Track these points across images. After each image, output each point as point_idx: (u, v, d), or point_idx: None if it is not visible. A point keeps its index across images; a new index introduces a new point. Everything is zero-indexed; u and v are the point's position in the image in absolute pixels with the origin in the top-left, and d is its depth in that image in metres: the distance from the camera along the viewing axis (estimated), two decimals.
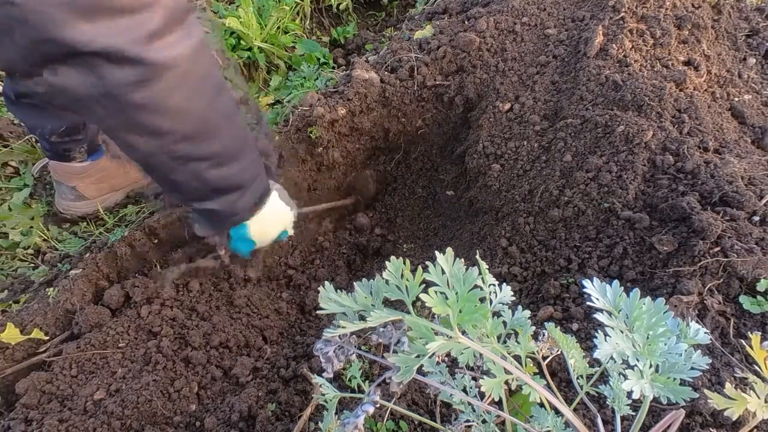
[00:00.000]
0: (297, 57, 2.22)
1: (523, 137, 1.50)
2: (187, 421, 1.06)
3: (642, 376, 0.51)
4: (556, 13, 1.71)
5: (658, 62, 1.47)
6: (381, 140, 1.85)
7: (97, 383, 1.08)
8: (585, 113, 1.39)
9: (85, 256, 1.36)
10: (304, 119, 1.66)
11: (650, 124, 1.27)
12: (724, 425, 0.83)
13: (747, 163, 1.22)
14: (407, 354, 0.49)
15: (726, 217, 1.06)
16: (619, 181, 1.21)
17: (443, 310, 0.47)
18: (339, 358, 0.56)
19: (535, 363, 0.67)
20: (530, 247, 1.29)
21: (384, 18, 2.69)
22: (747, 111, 1.46)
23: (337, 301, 0.51)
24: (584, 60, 1.50)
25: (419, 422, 0.94)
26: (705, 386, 0.86)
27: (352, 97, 1.68)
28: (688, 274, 1.00)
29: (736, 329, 0.95)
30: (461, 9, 1.92)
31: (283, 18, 2.22)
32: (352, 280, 1.44)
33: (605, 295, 0.54)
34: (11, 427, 0.99)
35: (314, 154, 1.73)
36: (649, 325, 0.51)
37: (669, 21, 1.52)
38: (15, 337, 1.12)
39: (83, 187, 1.54)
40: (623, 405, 0.60)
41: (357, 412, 0.54)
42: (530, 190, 1.39)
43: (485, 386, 0.52)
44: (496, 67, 1.64)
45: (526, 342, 0.62)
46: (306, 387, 1.07)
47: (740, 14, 1.70)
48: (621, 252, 1.12)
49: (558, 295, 1.13)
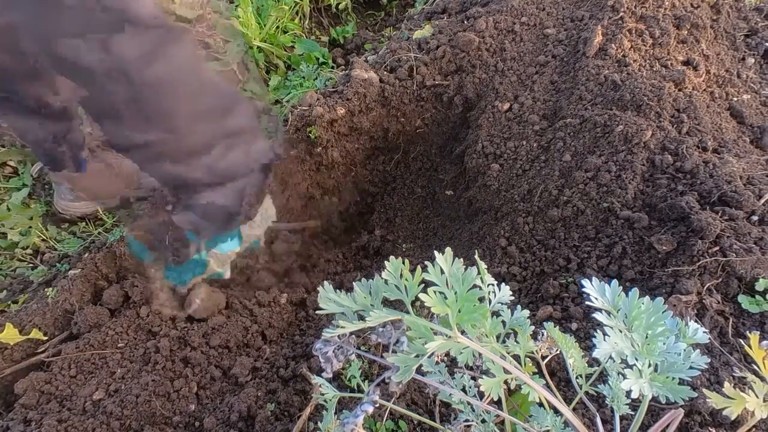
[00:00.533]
0: (296, 57, 2.22)
1: (522, 137, 1.50)
2: (186, 421, 1.06)
3: (641, 375, 0.51)
4: (555, 13, 1.71)
5: (657, 62, 1.47)
6: (380, 140, 1.85)
7: (96, 383, 1.08)
8: (584, 113, 1.39)
9: (84, 256, 1.36)
10: (303, 119, 1.66)
11: (649, 123, 1.27)
12: (722, 424, 0.83)
13: (746, 162, 1.22)
14: (406, 354, 0.49)
15: (725, 217, 1.06)
16: (618, 181, 1.22)
17: (442, 309, 0.47)
18: (338, 358, 0.56)
19: (534, 362, 0.67)
20: (529, 246, 1.30)
21: (383, 18, 2.69)
22: (746, 111, 1.46)
23: (337, 301, 0.51)
24: (583, 60, 1.50)
25: (418, 422, 0.94)
26: (704, 385, 0.87)
27: (351, 96, 1.68)
28: (686, 273, 1.00)
29: (735, 328, 0.95)
30: (460, 9, 1.92)
31: (282, 17, 2.22)
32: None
33: (604, 295, 0.54)
34: (10, 427, 0.99)
35: (313, 153, 1.73)
36: (647, 325, 0.51)
37: (668, 21, 1.52)
38: (14, 337, 1.11)
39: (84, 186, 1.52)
40: (622, 404, 0.60)
41: (356, 411, 0.54)
42: (529, 190, 1.39)
43: (484, 386, 0.52)
44: (495, 67, 1.64)
45: (525, 341, 0.62)
46: (305, 387, 1.07)
47: (739, 14, 1.71)
48: (620, 251, 1.12)
49: (557, 295, 1.13)
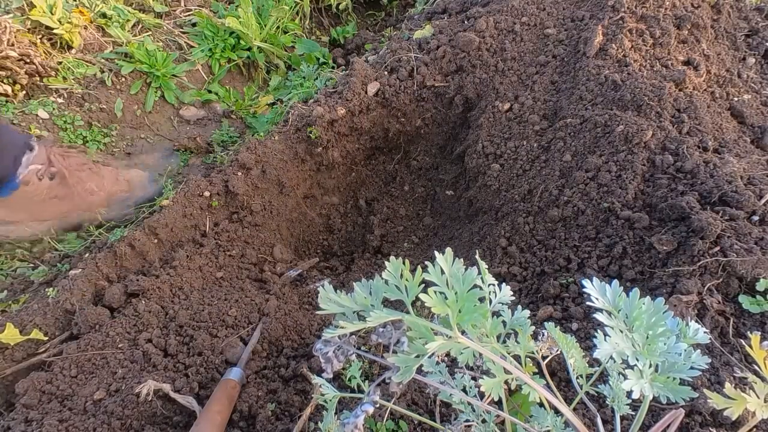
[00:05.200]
0: (296, 57, 2.22)
1: (523, 137, 1.50)
2: (186, 421, 1.06)
3: (641, 375, 0.51)
4: (555, 13, 1.71)
5: (657, 62, 1.47)
6: (380, 140, 1.85)
7: (96, 383, 1.08)
8: (584, 113, 1.39)
9: (85, 256, 1.36)
10: (304, 119, 1.66)
11: (650, 123, 1.27)
12: (723, 425, 0.83)
13: (746, 162, 1.22)
14: (407, 354, 0.49)
15: (725, 217, 1.06)
16: (619, 181, 1.21)
17: (443, 309, 0.47)
18: (338, 359, 0.56)
19: (534, 363, 0.67)
20: (530, 246, 1.29)
21: (383, 18, 2.69)
22: (746, 110, 1.46)
23: (337, 302, 0.51)
24: (584, 60, 1.50)
25: (419, 422, 0.94)
26: (704, 386, 0.87)
27: (351, 97, 1.68)
28: (687, 273, 1.00)
29: (736, 329, 0.95)
30: (461, 9, 1.92)
31: (283, 18, 2.22)
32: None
33: (605, 295, 0.54)
34: (11, 427, 0.99)
35: (314, 153, 1.73)
36: (648, 325, 0.51)
37: (668, 21, 1.52)
38: (14, 337, 1.12)
39: (3, 214, 1.45)
40: (623, 404, 0.60)
41: (356, 412, 0.54)
42: (530, 190, 1.39)
43: (485, 386, 0.52)
44: (496, 67, 1.64)
45: (526, 342, 0.62)
46: (306, 387, 1.07)
47: (739, 14, 1.70)
48: (620, 251, 1.12)
49: (557, 295, 1.13)
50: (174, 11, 2.16)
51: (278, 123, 1.76)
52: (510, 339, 0.63)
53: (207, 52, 2.08)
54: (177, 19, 2.13)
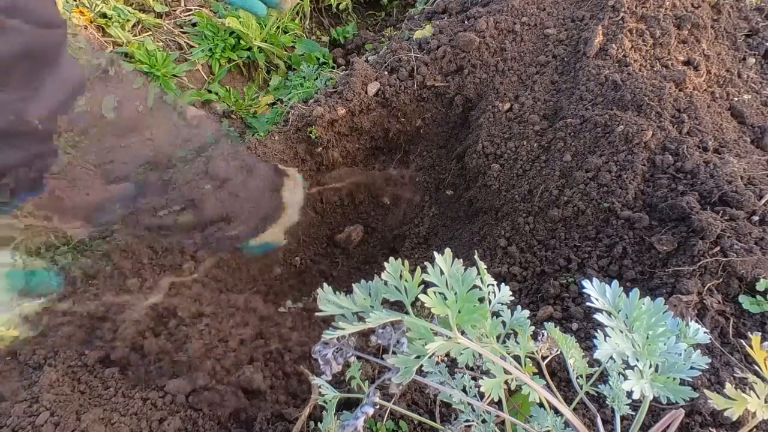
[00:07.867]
0: (296, 57, 2.22)
1: (523, 137, 1.49)
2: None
3: (642, 375, 0.51)
4: (555, 13, 1.71)
5: (657, 62, 1.47)
6: (381, 140, 1.85)
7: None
8: (584, 113, 1.39)
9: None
10: (304, 119, 1.66)
11: (650, 123, 1.27)
12: (723, 425, 0.83)
13: (746, 162, 1.22)
14: (406, 355, 0.49)
15: (725, 217, 1.06)
16: (619, 181, 1.21)
17: (442, 310, 0.47)
18: (338, 361, 0.56)
19: (534, 363, 0.67)
20: (530, 246, 1.29)
21: (384, 18, 2.69)
22: (746, 111, 1.46)
23: (336, 303, 0.51)
24: (584, 60, 1.50)
25: (419, 422, 0.93)
26: (704, 386, 0.86)
27: (352, 97, 1.68)
28: (687, 273, 1.00)
29: (736, 329, 0.95)
30: (461, 9, 1.92)
31: (283, 18, 2.22)
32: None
33: (605, 295, 0.54)
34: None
35: (314, 153, 1.73)
36: (648, 325, 0.51)
37: (668, 21, 1.52)
38: None
39: None
40: (623, 405, 0.60)
41: (356, 413, 0.54)
42: (530, 190, 1.39)
43: (485, 386, 0.52)
44: (496, 67, 1.64)
45: (526, 342, 0.62)
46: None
47: (740, 14, 1.70)
48: (620, 252, 1.12)
49: (557, 295, 1.13)
50: (174, 11, 2.16)
51: (278, 123, 1.76)
52: (510, 339, 0.63)
53: (207, 52, 2.08)
54: (177, 19, 2.13)
